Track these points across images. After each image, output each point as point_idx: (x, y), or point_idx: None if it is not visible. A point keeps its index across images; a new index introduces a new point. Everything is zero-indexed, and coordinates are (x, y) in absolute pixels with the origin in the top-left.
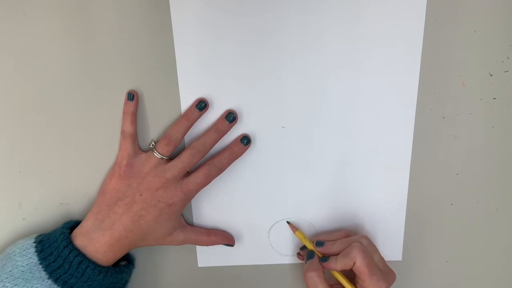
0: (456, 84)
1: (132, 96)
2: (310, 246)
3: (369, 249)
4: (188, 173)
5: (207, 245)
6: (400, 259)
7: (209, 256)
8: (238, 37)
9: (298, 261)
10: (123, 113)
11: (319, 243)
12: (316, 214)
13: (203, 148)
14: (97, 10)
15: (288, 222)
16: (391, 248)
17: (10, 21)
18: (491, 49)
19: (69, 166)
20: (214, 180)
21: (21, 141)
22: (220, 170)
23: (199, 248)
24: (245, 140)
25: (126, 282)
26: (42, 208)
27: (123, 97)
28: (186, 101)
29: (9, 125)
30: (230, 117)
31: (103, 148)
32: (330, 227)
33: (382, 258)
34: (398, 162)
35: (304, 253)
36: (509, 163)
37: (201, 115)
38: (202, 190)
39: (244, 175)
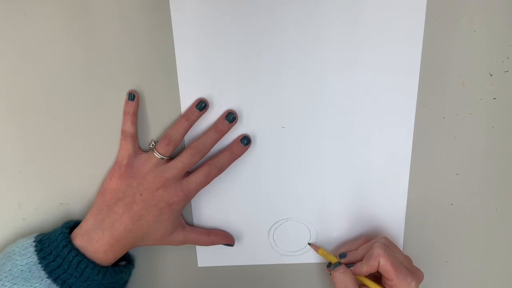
0: (456, 84)
1: (133, 96)
2: (334, 259)
3: (390, 247)
4: (188, 173)
5: (206, 245)
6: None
7: (209, 256)
8: (238, 37)
9: (298, 261)
10: (124, 113)
11: (342, 255)
12: (316, 214)
13: (203, 148)
14: (97, 10)
15: (309, 244)
16: None
17: (10, 21)
18: (491, 49)
19: (69, 166)
20: (214, 180)
21: (21, 141)
22: (220, 170)
23: (199, 248)
24: (245, 140)
25: (126, 282)
26: (42, 208)
27: (123, 97)
28: (186, 101)
29: (9, 125)
30: (230, 117)
31: (103, 148)
32: (330, 227)
33: (406, 257)
34: (398, 162)
35: (330, 269)
36: (509, 163)
37: (201, 115)
38: (202, 190)
39: (244, 175)
